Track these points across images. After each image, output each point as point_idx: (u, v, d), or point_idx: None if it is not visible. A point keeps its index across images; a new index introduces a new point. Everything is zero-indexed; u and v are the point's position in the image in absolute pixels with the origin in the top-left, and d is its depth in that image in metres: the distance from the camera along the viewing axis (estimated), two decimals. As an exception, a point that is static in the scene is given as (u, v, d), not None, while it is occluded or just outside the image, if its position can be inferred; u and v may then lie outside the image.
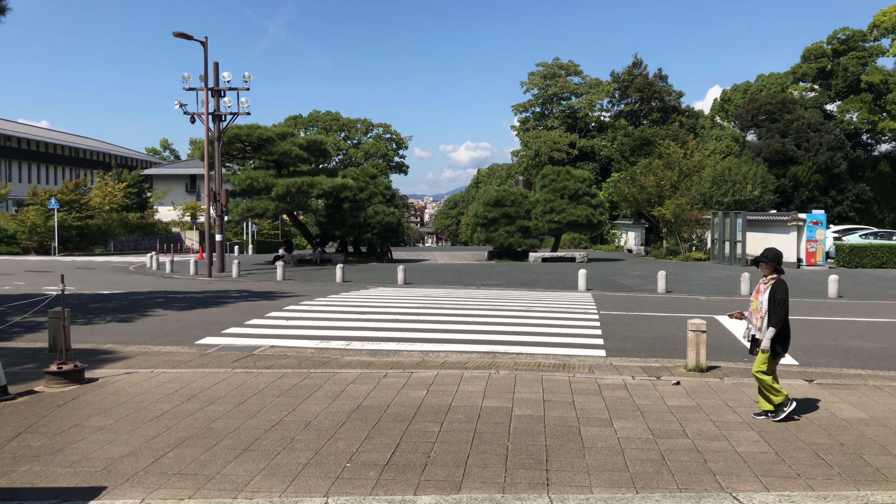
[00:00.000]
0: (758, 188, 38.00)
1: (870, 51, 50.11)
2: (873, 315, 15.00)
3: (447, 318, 13.72)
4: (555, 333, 12.02)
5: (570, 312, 14.81)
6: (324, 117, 71.87)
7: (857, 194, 49.10)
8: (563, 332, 12.11)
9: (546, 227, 33.77)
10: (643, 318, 14.04)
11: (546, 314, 14.45)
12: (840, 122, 50.94)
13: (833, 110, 53.07)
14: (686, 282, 23.18)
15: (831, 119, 52.14)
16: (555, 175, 34.26)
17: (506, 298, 17.91)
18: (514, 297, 18.20)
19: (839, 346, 11.35)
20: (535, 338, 11.58)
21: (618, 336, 11.86)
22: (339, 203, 32.99)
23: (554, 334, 11.94)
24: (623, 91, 59.47)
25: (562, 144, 55.47)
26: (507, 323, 13.18)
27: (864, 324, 13.73)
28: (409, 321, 13.38)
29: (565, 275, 26.12)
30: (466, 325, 12.95)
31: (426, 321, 13.37)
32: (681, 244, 36.41)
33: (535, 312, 14.72)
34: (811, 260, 27.96)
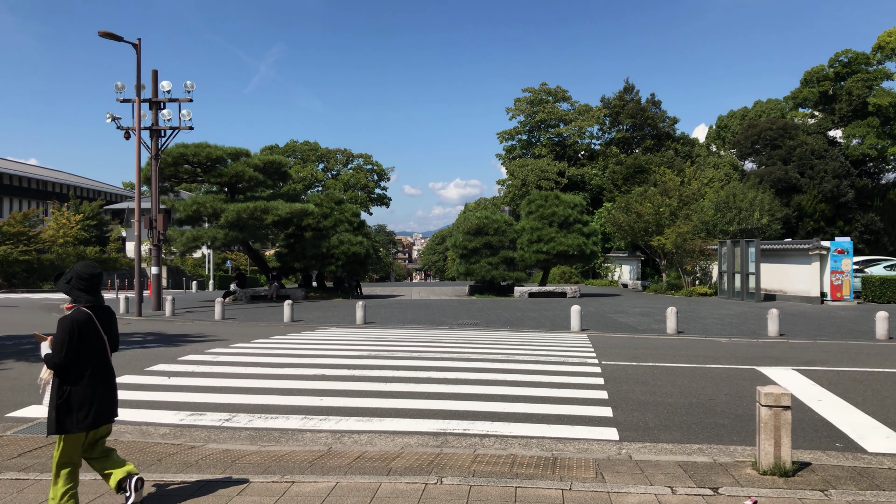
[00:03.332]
0: (765, 216, 34.66)
1: (874, 73, 47.36)
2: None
3: (395, 374, 10.00)
4: (540, 398, 8.32)
5: (561, 363, 11.10)
6: (301, 147, 68.54)
7: (865, 224, 45.92)
8: (552, 396, 8.41)
9: (533, 258, 30.16)
10: (660, 371, 10.35)
11: (530, 365, 10.74)
12: (846, 148, 47.98)
13: (837, 136, 50.16)
14: (697, 320, 19.55)
15: (836, 145, 49.18)
16: (542, 200, 30.75)
17: (481, 342, 14.19)
18: (491, 341, 14.49)
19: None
20: (512, 405, 7.87)
21: (632, 401, 8.16)
22: (301, 232, 29.33)
23: (539, 399, 8.23)
24: (614, 117, 56.47)
25: (550, 173, 52.19)
26: (476, 380, 9.47)
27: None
28: (341, 378, 9.66)
29: (555, 312, 22.46)
30: (419, 383, 9.24)
31: (365, 378, 9.66)
32: (683, 277, 32.87)
33: (516, 363, 11.01)
34: (836, 294, 24.40)
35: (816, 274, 24.74)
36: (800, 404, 7.99)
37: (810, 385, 9.16)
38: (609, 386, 9.07)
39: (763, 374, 9.96)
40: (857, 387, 9.08)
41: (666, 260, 35.77)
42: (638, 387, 9.05)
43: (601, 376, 9.82)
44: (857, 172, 48.86)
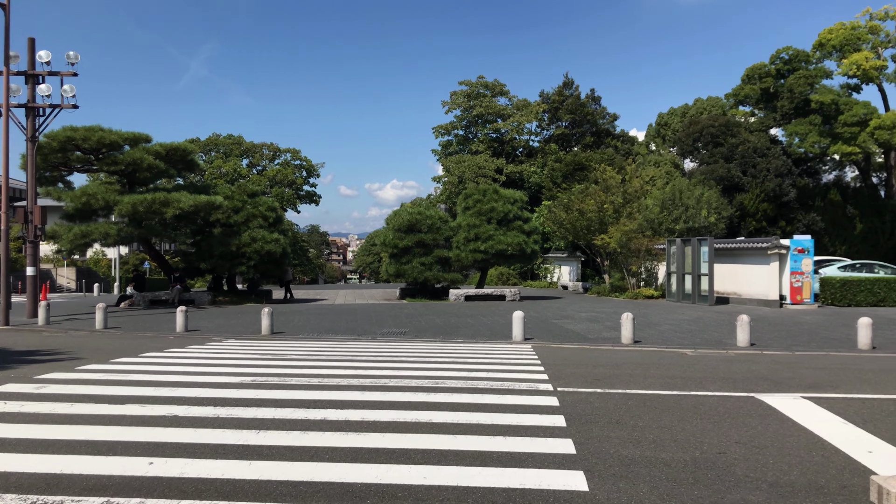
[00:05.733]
0: (713, 214, 32.99)
1: (815, 71, 46.58)
2: None
3: (277, 415, 7.23)
4: (478, 455, 5.66)
5: (506, 391, 8.50)
6: (225, 141, 64.36)
7: (807, 225, 45.03)
8: (495, 452, 5.76)
9: (470, 258, 27.60)
10: (636, 403, 7.84)
11: (465, 396, 8.10)
12: (788, 146, 47.10)
13: (780, 134, 49.33)
14: (652, 327, 17.33)
15: (778, 144, 48.28)
16: (480, 195, 28.23)
17: (406, 360, 11.50)
18: (419, 357, 11.81)
19: None
20: (435, 472, 5.19)
21: (611, 459, 5.59)
22: (209, 228, 26.08)
23: (476, 458, 5.57)
24: (553, 113, 54.55)
25: (487, 170, 49.88)
26: (389, 424, 6.77)
27: None
28: (199, 423, 6.84)
29: (494, 318, 19.94)
30: (305, 431, 6.50)
31: (230, 423, 6.85)
32: (628, 279, 30.85)
33: (447, 392, 8.36)
34: (796, 297, 22.59)
35: (775, 275, 22.90)
36: (847, 461, 5.56)
37: (841, 424, 6.78)
38: (574, 430, 6.49)
39: (770, 407, 7.56)
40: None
41: (609, 260, 33.78)
42: (614, 431, 6.49)
43: (560, 412, 7.25)
44: (798, 171, 48.04)
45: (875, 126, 42.10)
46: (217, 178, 58.99)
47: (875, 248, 44.69)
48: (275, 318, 17.79)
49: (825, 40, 45.14)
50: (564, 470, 5.29)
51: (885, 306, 23.49)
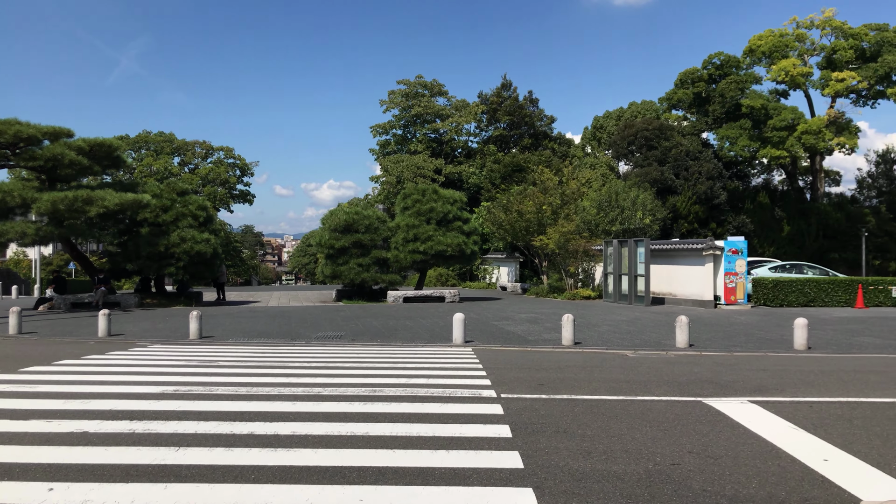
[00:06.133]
0: (648, 216, 33.39)
1: (746, 76, 47.83)
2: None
3: (199, 429, 6.66)
4: (418, 472, 5.23)
5: (447, 398, 8.10)
6: (155, 138, 62.26)
7: (737, 226, 46.20)
8: (437, 469, 5.35)
9: (409, 258, 27.14)
10: (583, 410, 7.54)
11: (404, 405, 7.67)
12: (719, 149, 48.22)
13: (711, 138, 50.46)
14: (591, 328, 17.20)
15: (709, 147, 49.41)
16: (419, 195, 27.80)
17: (342, 365, 10.99)
18: (355, 363, 11.31)
19: None
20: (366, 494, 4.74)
21: (562, 473, 5.23)
22: (136, 227, 24.93)
23: (417, 474, 5.15)
24: (492, 114, 54.58)
25: (426, 170, 49.53)
26: (322, 439, 6.29)
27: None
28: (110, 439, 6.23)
29: (434, 320, 19.55)
30: (230, 448, 5.95)
31: (146, 439, 6.26)
32: (566, 279, 30.90)
33: (385, 401, 7.91)
34: (730, 297, 22.91)
35: (710, 276, 23.18)
36: (805, 471, 5.34)
37: (792, 430, 6.61)
38: (521, 442, 6.13)
39: (719, 412, 7.36)
40: (851, 429, 6.62)
41: (548, 261, 33.83)
42: (562, 442, 6.16)
43: (505, 421, 6.88)
44: (729, 174, 49.31)
45: (802, 131, 43.41)
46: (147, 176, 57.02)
47: (801, 250, 46.15)
48: (204, 321, 17.00)
49: (755, 47, 46.37)
50: (513, 487, 4.91)
51: (815, 306, 24.05)
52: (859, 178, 54.45)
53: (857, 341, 14.74)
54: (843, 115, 45.82)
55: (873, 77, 43.95)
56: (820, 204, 49.76)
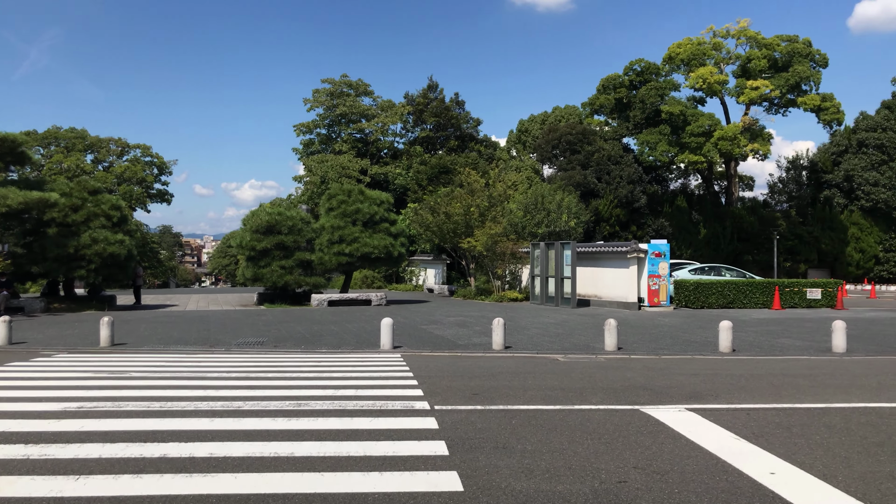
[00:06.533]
0: (573, 219, 33.70)
1: (665, 83, 49.01)
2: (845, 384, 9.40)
3: (102, 453, 6.03)
4: (346, 499, 4.80)
5: (377, 411, 7.68)
6: (66, 134, 59.20)
7: (656, 229, 47.30)
8: (371, 495, 4.93)
9: (334, 260, 26.50)
10: (521, 422, 7.25)
11: (332, 420, 7.20)
12: (640, 154, 49.24)
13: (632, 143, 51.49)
14: (521, 331, 17.04)
15: (630, 152, 50.42)
16: (345, 196, 27.19)
17: (264, 376, 10.41)
18: (278, 372, 10.74)
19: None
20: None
21: (505, 495, 4.89)
22: (44, 228, 23.46)
23: (345, 502, 4.73)
24: (418, 115, 54.27)
25: (352, 170, 48.80)
26: (241, 461, 5.77)
27: (880, 412, 7.93)
28: (-3, 468, 5.53)
29: (360, 324, 19.04)
30: (137, 474, 5.37)
31: (37, 467, 5.60)
32: (493, 282, 30.83)
33: (310, 416, 7.42)
34: (654, 299, 23.22)
35: (634, 278, 23.44)
36: (754, 487, 5.16)
37: (734, 440, 6.47)
38: (459, 460, 5.77)
39: (659, 422, 7.18)
40: (792, 439, 6.53)
41: (475, 263, 33.73)
42: (502, 459, 5.82)
43: (441, 437, 6.51)
44: (649, 179, 50.45)
45: (718, 137, 44.71)
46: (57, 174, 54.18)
47: (717, 252, 47.59)
48: (117, 327, 16.03)
49: (674, 54, 47.53)
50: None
51: (734, 308, 24.65)
52: (771, 183, 56.64)
53: (778, 343, 15.03)
54: (757, 122, 47.50)
55: (785, 86, 45.70)
56: (735, 208, 51.46)
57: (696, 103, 50.09)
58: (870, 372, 11.02)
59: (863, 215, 49.71)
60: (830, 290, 25.42)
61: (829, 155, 52.56)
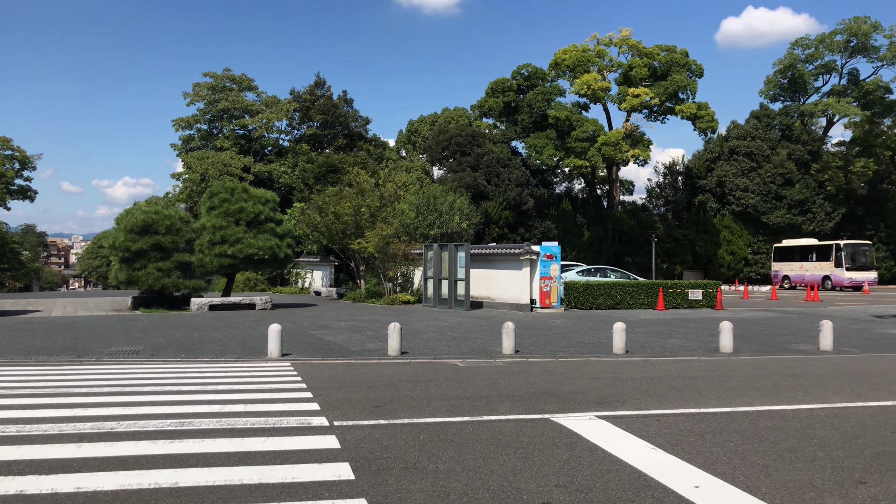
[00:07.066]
0: (465, 220, 33.61)
1: (551, 89, 50.00)
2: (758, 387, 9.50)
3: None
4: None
5: (270, 430, 6.97)
6: (-89, 122, 54.11)
7: (543, 232, 48.15)
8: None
9: (216, 262, 25.13)
10: (430, 437, 6.76)
11: (218, 441, 6.45)
12: (528, 158, 49.98)
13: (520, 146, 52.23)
14: (415, 335, 16.60)
15: (518, 155, 51.12)
16: (228, 194, 25.86)
17: (138, 390, 9.42)
18: (155, 385, 9.77)
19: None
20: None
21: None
22: None
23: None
24: (305, 113, 52.90)
25: (234, 168, 46.93)
26: (103, 497, 4.97)
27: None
28: None
29: (245, 330, 18.01)
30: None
31: None
32: (384, 284, 30.24)
33: (194, 437, 6.63)
34: (545, 301, 23.35)
35: (526, 280, 23.50)
36: (680, 501, 4.88)
37: (650, 450, 6.23)
38: (366, 485, 5.19)
39: (572, 433, 6.87)
40: (706, 446, 6.37)
41: (365, 265, 33.03)
42: (414, 482, 5.30)
43: (344, 458, 5.91)
44: (536, 182, 51.30)
45: (602, 142, 46.01)
46: None
47: (600, 254, 48.99)
48: (-34, 338, 14.38)
49: (560, 60, 48.54)
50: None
51: (621, 308, 25.18)
52: (649, 187, 58.98)
53: (668, 344, 15.29)
54: (638, 128, 49.26)
55: (664, 94, 47.60)
56: (616, 211, 53.18)
57: (580, 109, 51.40)
58: (762, 372, 11.26)
59: (734, 219, 52.50)
60: (710, 291, 26.45)
61: (703, 161, 55.24)
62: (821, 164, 52.02)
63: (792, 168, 51.60)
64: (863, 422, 7.42)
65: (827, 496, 4.97)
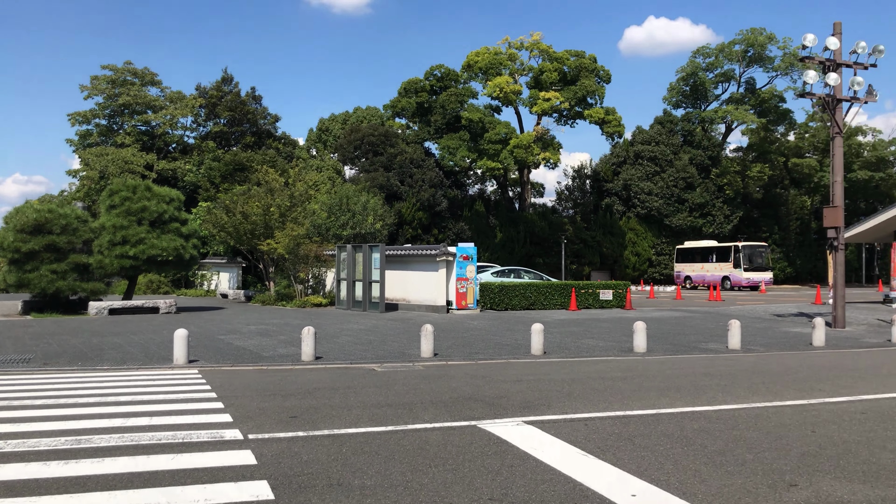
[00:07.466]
0: (378, 221, 33.21)
1: (464, 90, 50.15)
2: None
3: None
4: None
5: (177, 446, 6.46)
6: None
7: (457, 233, 48.23)
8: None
9: (116, 264, 23.80)
10: (352, 449, 6.41)
11: (122, 461, 5.90)
12: (441, 159, 49.95)
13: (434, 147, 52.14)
14: (330, 339, 16.14)
15: (432, 156, 51.03)
16: (129, 192, 24.55)
17: (28, 403, 8.64)
18: (48, 398, 9.00)
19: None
20: None
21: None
22: None
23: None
24: (211, 109, 51.13)
25: (136, 165, 44.87)
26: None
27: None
28: None
29: (149, 335, 17.07)
30: None
31: None
32: (295, 286, 29.46)
33: (89, 461, 6.05)
34: (462, 302, 23.25)
35: (443, 281, 23.33)
36: None
37: (582, 457, 6.09)
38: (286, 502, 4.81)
39: (501, 440, 6.66)
40: (637, 451, 6.28)
41: (275, 266, 32.13)
42: (339, 500, 4.94)
43: (262, 475, 5.49)
44: (449, 183, 51.34)
45: (514, 145, 46.48)
46: None
47: (512, 255, 49.47)
48: None
49: (473, 62, 48.74)
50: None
51: (535, 309, 25.37)
52: (559, 190, 60.04)
53: (584, 344, 15.40)
54: (548, 132, 50.03)
55: (573, 99, 48.52)
56: (527, 213, 53.86)
57: (493, 111, 51.78)
58: (678, 372, 11.42)
59: (638, 221, 54.05)
60: (620, 291, 27.01)
61: (610, 165, 56.67)
62: (720, 169, 54.24)
63: (693, 172, 53.56)
64: (783, 421, 7.55)
65: (762, 501, 4.94)
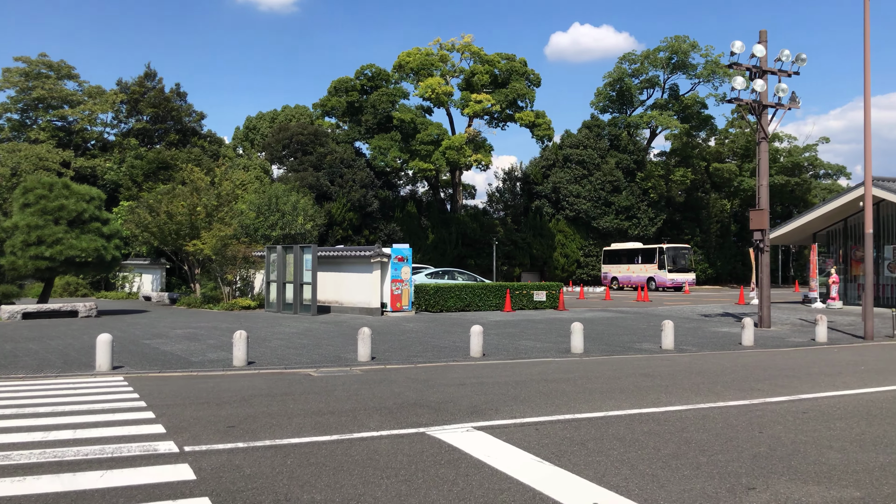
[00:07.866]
0: (309, 221, 32.58)
1: (395, 91, 49.82)
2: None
3: None
4: None
5: (106, 461, 6.00)
6: None
7: (388, 234, 47.86)
8: None
9: (31, 265, 22.53)
10: (298, 461, 6.08)
11: (44, 480, 5.42)
12: (372, 159, 49.47)
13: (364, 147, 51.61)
14: (262, 343, 15.64)
15: (363, 156, 50.50)
16: (45, 190, 23.29)
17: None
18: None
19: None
20: None
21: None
22: None
23: None
24: (133, 105, 49.24)
25: (51, 162, 42.74)
26: None
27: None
28: None
29: (68, 340, 16.18)
30: None
31: None
32: (222, 288, 28.57)
33: (8, 481, 5.55)
34: (397, 304, 22.94)
35: (377, 283, 22.98)
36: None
37: (538, 464, 5.93)
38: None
39: (453, 448, 6.44)
40: (592, 456, 6.16)
41: (201, 268, 31.10)
42: (290, 517, 4.64)
43: (203, 493, 5.11)
44: (381, 184, 50.89)
45: (446, 146, 46.44)
46: None
47: (444, 256, 49.41)
48: None
49: (404, 63, 48.49)
50: None
51: (470, 311, 25.30)
52: (490, 192, 60.37)
53: (521, 345, 15.37)
54: (480, 134, 50.18)
55: (504, 101, 48.81)
56: (459, 215, 53.91)
57: (425, 112, 51.60)
58: (619, 373, 11.45)
59: (567, 223, 54.80)
60: (553, 292, 27.20)
61: (540, 168, 57.28)
62: (645, 173, 55.52)
63: (619, 176, 54.66)
64: (730, 422, 7.59)
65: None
